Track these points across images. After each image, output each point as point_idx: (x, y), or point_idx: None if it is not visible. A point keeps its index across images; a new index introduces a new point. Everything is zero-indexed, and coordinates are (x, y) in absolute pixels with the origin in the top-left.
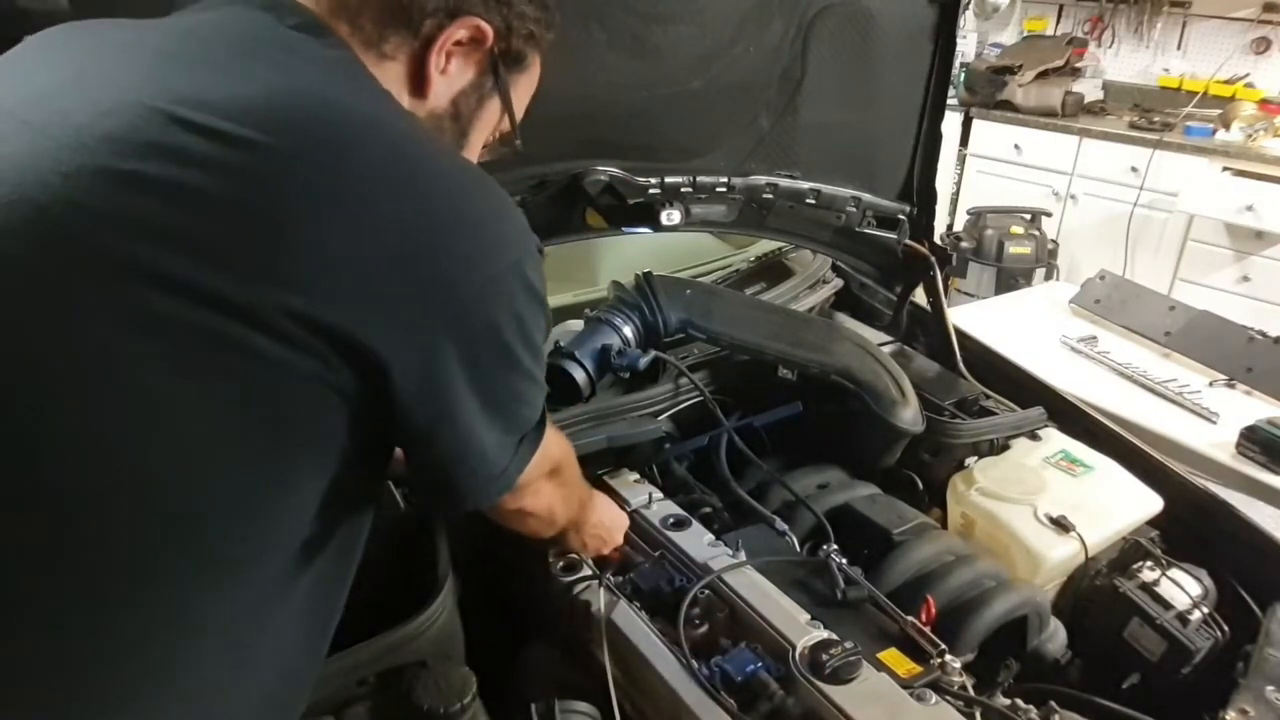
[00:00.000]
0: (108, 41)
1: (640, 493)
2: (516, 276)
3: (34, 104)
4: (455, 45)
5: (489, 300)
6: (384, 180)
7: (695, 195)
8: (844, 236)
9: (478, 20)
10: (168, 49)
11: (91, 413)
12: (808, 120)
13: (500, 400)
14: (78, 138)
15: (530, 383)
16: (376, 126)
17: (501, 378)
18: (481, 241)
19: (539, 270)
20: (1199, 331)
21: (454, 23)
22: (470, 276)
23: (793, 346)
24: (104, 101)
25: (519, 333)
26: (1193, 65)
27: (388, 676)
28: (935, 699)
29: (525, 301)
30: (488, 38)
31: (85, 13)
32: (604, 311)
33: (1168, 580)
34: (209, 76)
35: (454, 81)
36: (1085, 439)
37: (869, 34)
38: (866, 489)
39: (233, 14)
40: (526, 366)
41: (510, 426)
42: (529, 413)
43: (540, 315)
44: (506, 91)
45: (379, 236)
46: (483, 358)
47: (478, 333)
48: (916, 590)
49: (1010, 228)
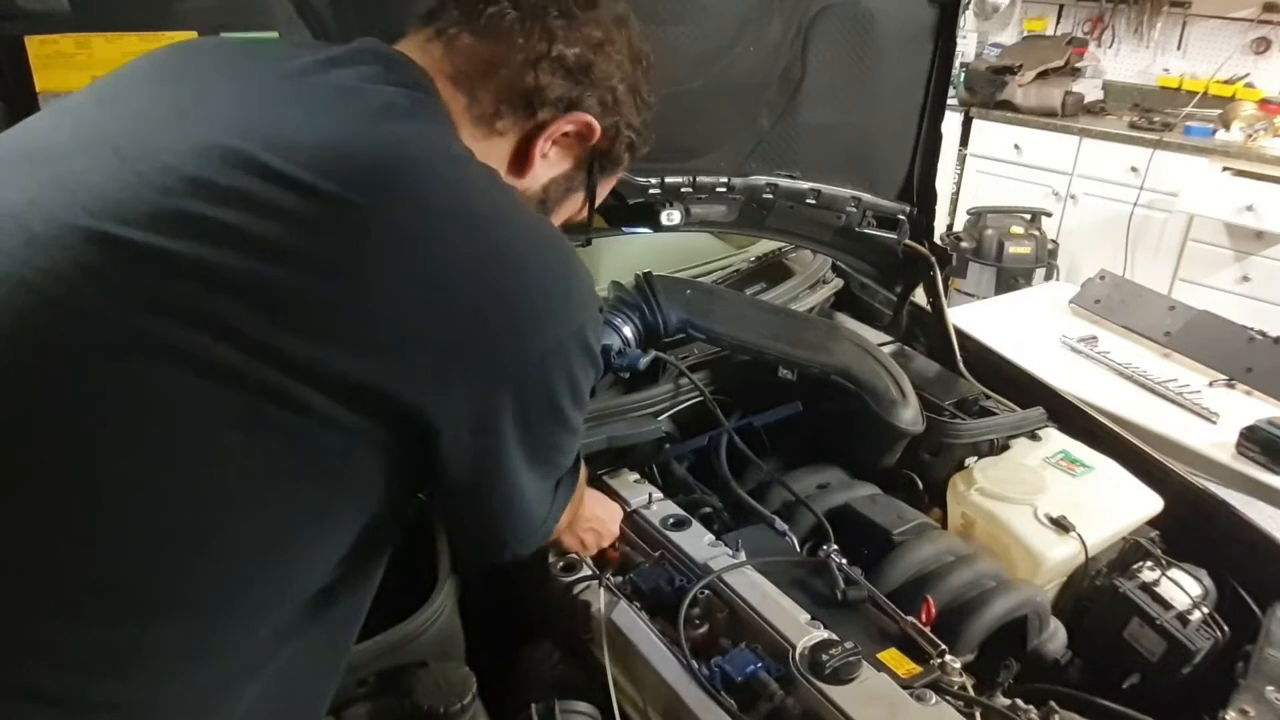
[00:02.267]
0: (221, 71)
1: (640, 493)
2: (577, 342)
3: (130, 134)
4: (562, 136)
5: (549, 366)
6: (458, 250)
7: (695, 195)
8: (844, 236)
9: (589, 118)
10: (273, 89)
11: (144, 454)
12: (808, 120)
13: (544, 453)
14: (162, 179)
15: (571, 434)
16: (456, 190)
17: (549, 433)
18: (546, 308)
19: (598, 332)
20: (1199, 331)
21: (568, 115)
22: (533, 344)
23: (793, 346)
24: (196, 140)
25: (571, 393)
26: (1193, 65)
27: (388, 676)
28: (935, 699)
29: (581, 364)
30: (594, 135)
31: (85, 13)
32: (604, 311)
33: (1168, 580)
34: (303, 121)
35: (551, 168)
36: (1085, 439)
37: (869, 34)
38: (866, 489)
39: (348, 58)
40: (572, 422)
41: (549, 473)
42: (565, 460)
43: (592, 373)
44: (594, 188)
45: (449, 307)
46: (534, 418)
47: (533, 396)
48: (916, 590)
49: (1010, 228)
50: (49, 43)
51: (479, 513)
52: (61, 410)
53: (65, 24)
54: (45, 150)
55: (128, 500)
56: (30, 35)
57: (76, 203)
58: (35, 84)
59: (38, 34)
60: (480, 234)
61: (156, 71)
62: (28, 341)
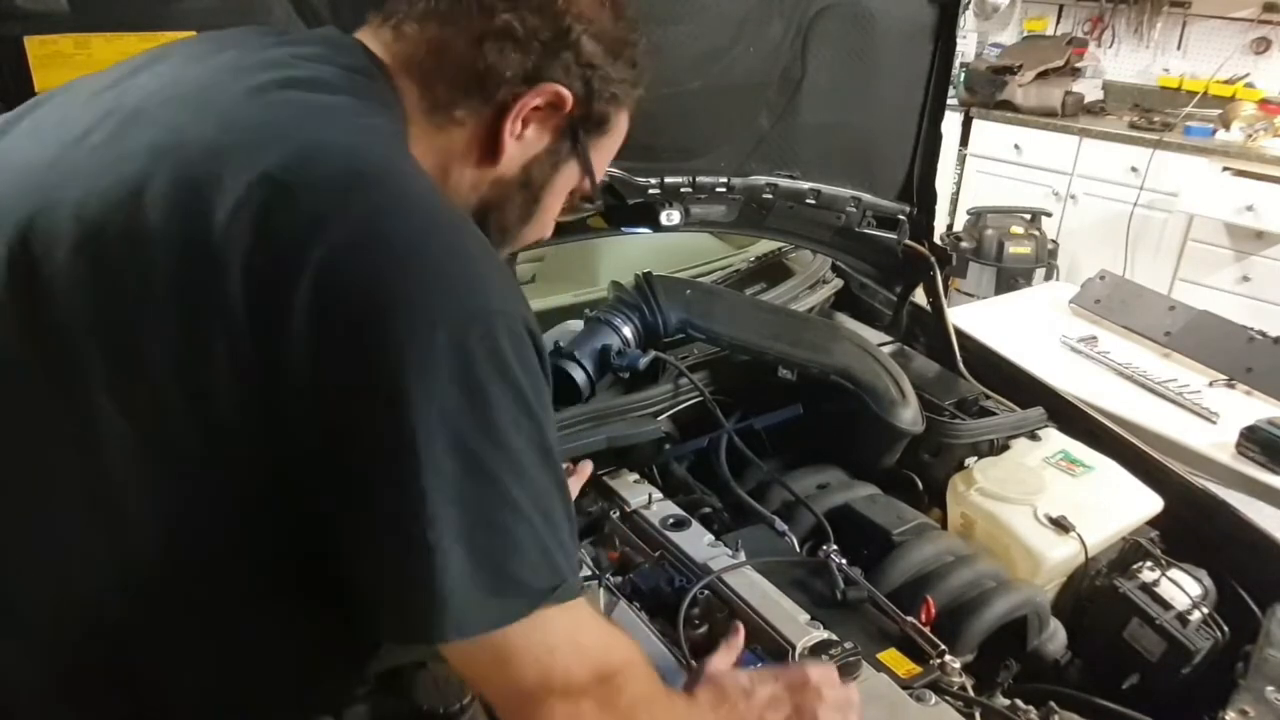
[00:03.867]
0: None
1: (640, 493)
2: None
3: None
4: (532, 111)
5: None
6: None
7: (695, 195)
8: (844, 237)
9: (557, 87)
10: (215, 83)
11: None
12: (808, 120)
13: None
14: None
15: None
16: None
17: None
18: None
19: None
20: (1199, 331)
21: (531, 90)
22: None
23: (793, 347)
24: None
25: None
26: (1193, 65)
27: (388, 676)
28: (935, 699)
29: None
30: (566, 104)
31: (84, 13)
32: (604, 312)
33: (1167, 580)
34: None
35: (528, 147)
36: (1085, 439)
37: (869, 34)
38: (866, 489)
39: (296, 46)
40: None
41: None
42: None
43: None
44: (586, 155)
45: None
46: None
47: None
48: (916, 590)
49: (1010, 228)
50: (48, 43)
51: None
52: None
53: (64, 24)
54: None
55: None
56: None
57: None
58: (34, 84)
59: (37, 34)
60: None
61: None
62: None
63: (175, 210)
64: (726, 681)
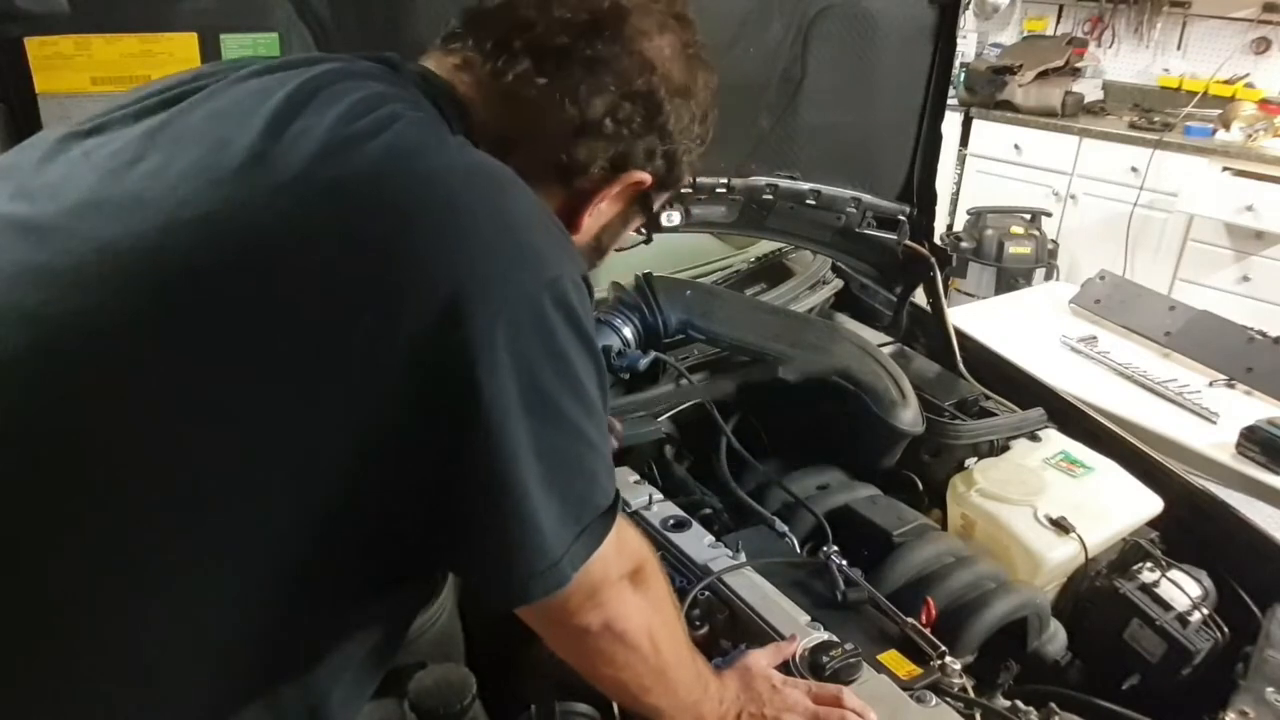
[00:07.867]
0: (233, 103)
1: (640, 493)
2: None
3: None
4: (613, 194)
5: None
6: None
7: (695, 195)
8: (844, 237)
9: (640, 175)
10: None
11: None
12: (808, 120)
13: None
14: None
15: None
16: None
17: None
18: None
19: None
20: (1199, 331)
21: (615, 179)
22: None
23: (792, 347)
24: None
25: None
26: (1193, 65)
27: (388, 676)
28: (935, 700)
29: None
30: (646, 184)
31: (85, 14)
32: (604, 312)
33: (1167, 581)
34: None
35: (602, 217)
36: (1085, 440)
37: (869, 34)
38: (866, 490)
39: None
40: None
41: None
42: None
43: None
44: (655, 216)
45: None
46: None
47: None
48: (916, 592)
49: (1010, 228)
50: (48, 44)
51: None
52: None
53: (64, 25)
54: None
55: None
56: (29, 37)
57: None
58: (35, 85)
59: (37, 35)
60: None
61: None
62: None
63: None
64: (756, 672)
